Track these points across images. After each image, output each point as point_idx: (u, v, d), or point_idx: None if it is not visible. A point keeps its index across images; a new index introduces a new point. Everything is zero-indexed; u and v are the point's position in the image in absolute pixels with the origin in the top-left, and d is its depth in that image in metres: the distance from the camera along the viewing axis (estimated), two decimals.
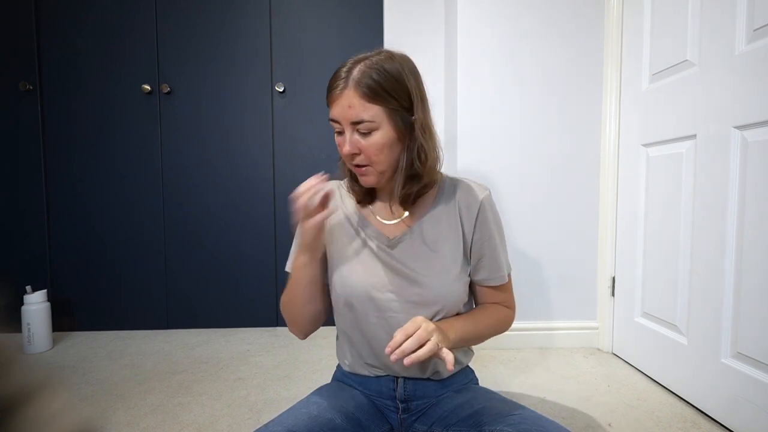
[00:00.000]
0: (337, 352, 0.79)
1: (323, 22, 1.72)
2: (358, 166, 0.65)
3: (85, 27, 1.67)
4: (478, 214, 0.70)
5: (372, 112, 0.60)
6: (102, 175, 1.72)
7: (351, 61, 0.62)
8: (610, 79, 1.43)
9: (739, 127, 0.94)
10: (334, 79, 0.62)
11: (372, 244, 0.71)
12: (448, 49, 1.61)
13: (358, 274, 0.69)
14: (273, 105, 1.73)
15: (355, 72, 0.60)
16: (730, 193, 0.96)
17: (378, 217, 0.72)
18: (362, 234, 0.72)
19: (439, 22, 1.67)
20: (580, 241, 1.51)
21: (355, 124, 0.61)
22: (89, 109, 1.70)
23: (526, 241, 1.50)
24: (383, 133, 0.62)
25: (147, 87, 1.68)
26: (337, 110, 0.61)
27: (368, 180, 0.66)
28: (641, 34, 1.30)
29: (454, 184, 0.73)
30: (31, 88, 1.66)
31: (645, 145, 1.29)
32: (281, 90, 1.71)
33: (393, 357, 0.54)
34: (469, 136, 1.48)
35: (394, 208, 0.72)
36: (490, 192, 0.73)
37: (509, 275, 0.74)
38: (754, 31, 0.90)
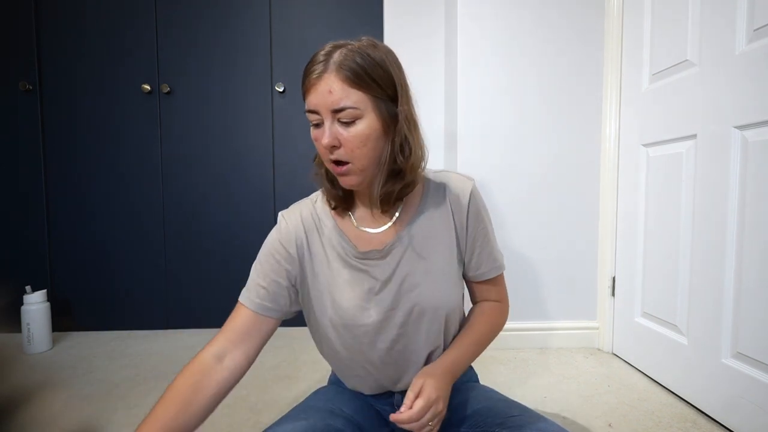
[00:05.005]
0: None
1: (323, 22, 1.72)
2: (337, 164, 0.58)
3: (85, 27, 1.67)
4: (469, 207, 0.66)
5: (355, 98, 0.54)
6: (102, 175, 1.72)
7: (330, 45, 0.56)
8: (610, 79, 1.43)
9: (739, 127, 0.94)
10: (310, 64, 0.55)
11: (359, 264, 0.64)
12: (448, 49, 1.61)
13: (349, 301, 0.63)
14: (273, 105, 1.73)
15: (336, 55, 0.54)
16: (730, 193, 0.95)
17: (362, 228, 0.66)
18: (347, 255, 0.65)
19: (439, 23, 1.67)
20: (580, 241, 1.51)
21: (336, 112, 0.54)
22: (89, 109, 1.70)
23: (526, 241, 1.50)
24: (367, 123, 0.56)
25: (147, 87, 1.68)
26: (316, 97, 0.54)
27: (349, 180, 0.59)
28: (641, 34, 1.29)
29: (438, 179, 0.69)
30: (31, 88, 1.66)
31: (645, 145, 1.29)
32: (281, 90, 1.71)
33: None
34: (469, 136, 1.48)
35: (376, 214, 0.66)
36: (474, 182, 0.69)
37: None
38: (754, 31, 0.90)
